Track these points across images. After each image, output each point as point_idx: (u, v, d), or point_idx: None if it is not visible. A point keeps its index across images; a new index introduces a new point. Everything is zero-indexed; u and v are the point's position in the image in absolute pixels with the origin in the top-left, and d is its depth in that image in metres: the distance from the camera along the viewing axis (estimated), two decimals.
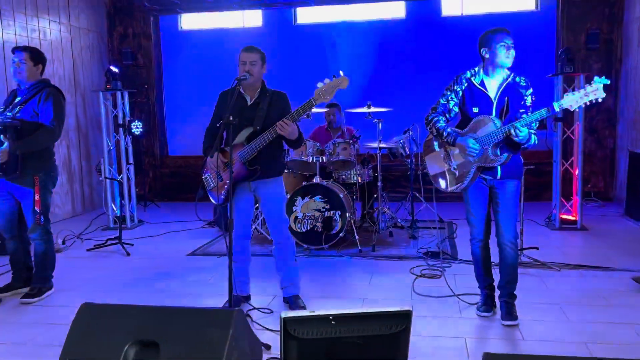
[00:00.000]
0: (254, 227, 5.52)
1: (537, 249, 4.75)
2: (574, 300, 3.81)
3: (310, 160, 5.44)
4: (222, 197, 3.69)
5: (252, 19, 8.42)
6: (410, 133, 6.00)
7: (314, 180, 5.35)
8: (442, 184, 3.50)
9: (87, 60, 7.97)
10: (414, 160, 6.10)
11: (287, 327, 2.25)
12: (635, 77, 6.85)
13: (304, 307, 3.77)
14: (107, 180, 6.67)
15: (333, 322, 2.28)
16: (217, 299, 3.97)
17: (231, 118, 3.26)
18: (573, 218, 5.99)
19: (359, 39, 8.08)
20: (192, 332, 2.32)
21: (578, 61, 7.09)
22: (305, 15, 8.30)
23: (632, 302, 3.75)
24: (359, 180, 5.76)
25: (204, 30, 8.58)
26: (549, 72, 7.36)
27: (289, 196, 5.12)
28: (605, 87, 2.95)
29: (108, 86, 6.61)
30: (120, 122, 6.68)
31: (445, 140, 3.35)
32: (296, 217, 5.25)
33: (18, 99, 3.99)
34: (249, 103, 3.68)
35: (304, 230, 5.25)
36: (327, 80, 3.40)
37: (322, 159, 5.47)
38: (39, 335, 3.47)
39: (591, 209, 6.99)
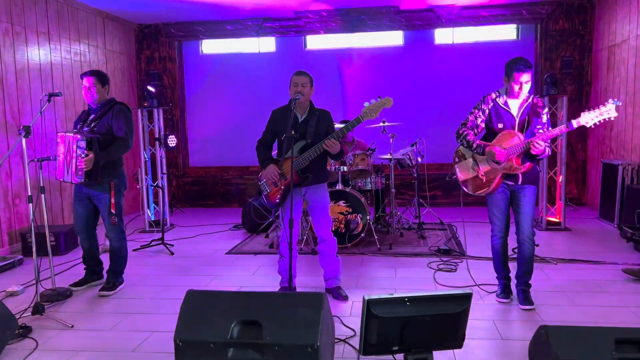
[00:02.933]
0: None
1: (537, 245, 4.99)
2: (575, 289, 4.07)
3: (333, 169, 5.63)
4: (277, 200, 3.85)
5: (267, 45, 8.60)
6: (417, 146, 6.24)
7: (337, 187, 5.54)
8: (470, 188, 3.72)
9: (119, 80, 8.06)
10: (419, 170, 6.35)
11: (370, 307, 2.44)
12: (604, 98, 7.21)
13: (346, 297, 3.95)
14: (143, 187, 6.77)
15: (408, 303, 2.47)
16: (266, 290, 4.12)
17: (293, 132, 3.45)
18: (557, 220, 6.28)
19: (362, 64, 8.33)
20: (289, 313, 2.48)
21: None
22: (315, 42, 8.52)
23: (625, 289, 4.02)
24: (374, 187, 5.96)
25: (222, 55, 8.73)
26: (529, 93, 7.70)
27: None
28: (617, 108, 3.22)
29: (145, 104, 6.72)
30: (157, 136, 6.78)
31: (475, 150, 3.57)
32: None
33: (92, 116, 4.13)
34: (300, 120, 3.86)
35: None
36: (373, 101, 3.61)
37: (343, 168, 5.67)
38: (120, 323, 3.58)
39: (568, 212, 7.29)
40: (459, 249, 5.37)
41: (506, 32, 8.14)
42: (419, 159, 6.31)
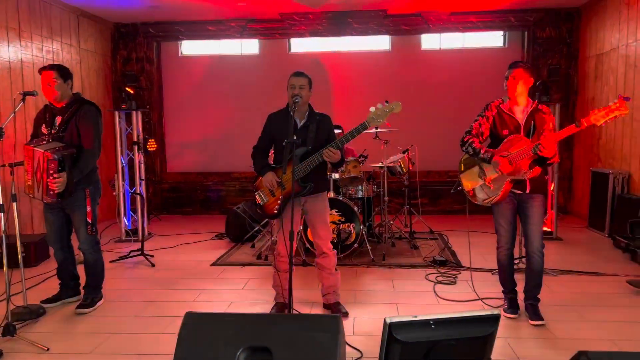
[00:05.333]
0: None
1: None
2: (582, 302, 3.93)
3: None
4: (275, 211, 3.60)
5: (250, 47, 8.34)
6: (408, 153, 6.07)
7: (329, 195, 5.30)
8: (476, 198, 3.55)
9: (94, 81, 7.67)
10: (409, 178, 6.18)
11: (392, 331, 2.21)
12: (591, 107, 7.18)
13: (346, 313, 3.72)
14: (120, 194, 6.41)
15: (433, 326, 2.26)
16: (259, 306, 3.87)
17: (295, 138, 3.22)
18: (549, 229, 6.18)
19: (348, 68, 8.14)
20: (303, 337, 2.24)
21: None
22: (299, 45, 8.29)
23: (633, 303, 3.90)
24: (365, 195, 5.75)
25: (202, 56, 8.42)
26: None
27: None
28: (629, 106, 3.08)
29: (124, 106, 6.37)
30: (135, 140, 6.43)
31: (481, 158, 3.41)
32: None
33: (57, 117, 3.73)
34: (299, 125, 3.62)
35: None
36: (379, 105, 3.39)
37: (335, 176, 5.45)
38: (101, 345, 3.26)
39: None
40: (454, 259, 5.20)
41: (493, 39, 8.07)
42: (410, 167, 6.14)
